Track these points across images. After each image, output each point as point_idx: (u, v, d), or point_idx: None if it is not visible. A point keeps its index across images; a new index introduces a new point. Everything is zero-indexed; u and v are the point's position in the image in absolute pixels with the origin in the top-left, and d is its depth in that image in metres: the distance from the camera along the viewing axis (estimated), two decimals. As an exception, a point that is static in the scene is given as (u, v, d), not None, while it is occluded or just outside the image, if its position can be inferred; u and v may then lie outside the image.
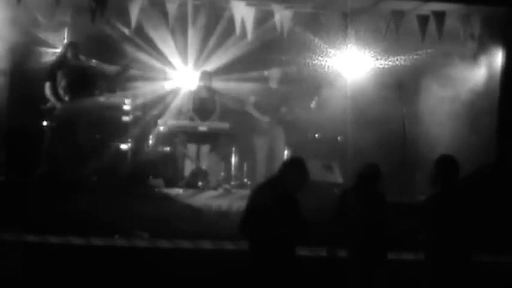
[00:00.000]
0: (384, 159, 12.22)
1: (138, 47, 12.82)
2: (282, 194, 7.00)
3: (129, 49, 12.75)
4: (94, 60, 11.58)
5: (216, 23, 12.89)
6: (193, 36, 13.11)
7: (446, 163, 7.37)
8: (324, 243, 7.85)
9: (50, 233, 8.94)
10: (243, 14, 11.84)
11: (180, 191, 10.94)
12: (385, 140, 12.38)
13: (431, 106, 12.82)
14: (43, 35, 12.28)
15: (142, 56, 12.86)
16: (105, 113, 11.80)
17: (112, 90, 11.96)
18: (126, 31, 12.49)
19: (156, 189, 11.21)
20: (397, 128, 12.16)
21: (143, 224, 9.63)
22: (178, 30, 12.88)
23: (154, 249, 9.16)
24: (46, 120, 11.18)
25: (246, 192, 11.82)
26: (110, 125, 11.86)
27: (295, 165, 7.21)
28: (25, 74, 11.92)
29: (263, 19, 11.95)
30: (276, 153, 12.42)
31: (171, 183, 11.49)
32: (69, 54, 11.31)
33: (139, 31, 12.43)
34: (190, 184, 11.56)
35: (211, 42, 13.04)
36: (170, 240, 9.34)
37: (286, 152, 12.53)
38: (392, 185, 11.66)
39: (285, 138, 12.51)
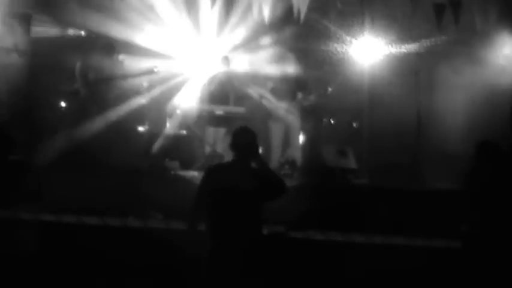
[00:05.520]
0: (398, 146, 12.40)
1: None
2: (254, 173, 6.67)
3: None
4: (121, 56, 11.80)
5: (233, 7, 12.96)
6: (210, 20, 13.18)
7: (491, 148, 7.37)
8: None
9: (65, 213, 9.05)
10: (261, -1, 11.91)
11: (196, 173, 10.94)
12: (400, 127, 12.41)
13: (447, 93, 12.85)
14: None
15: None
16: (124, 95, 11.96)
17: None
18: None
19: (172, 172, 11.32)
20: (412, 115, 12.18)
21: (158, 205, 9.72)
22: (196, 13, 12.94)
23: (168, 229, 9.24)
24: (67, 102, 11.29)
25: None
26: (128, 107, 11.97)
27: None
28: (45, 55, 12.07)
29: (280, 4, 11.97)
30: (291, 139, 12.46)
31: (186, 166, 11.59)
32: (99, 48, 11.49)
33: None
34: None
35: (228, 26, 13.12)
36: (184, 222, 9.38)
37: (301, 138, 12.57)
38: (405, 171, 11.75)
39: (301, 124, 12.54)
